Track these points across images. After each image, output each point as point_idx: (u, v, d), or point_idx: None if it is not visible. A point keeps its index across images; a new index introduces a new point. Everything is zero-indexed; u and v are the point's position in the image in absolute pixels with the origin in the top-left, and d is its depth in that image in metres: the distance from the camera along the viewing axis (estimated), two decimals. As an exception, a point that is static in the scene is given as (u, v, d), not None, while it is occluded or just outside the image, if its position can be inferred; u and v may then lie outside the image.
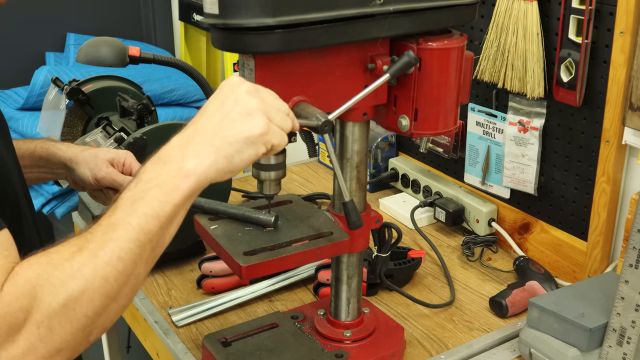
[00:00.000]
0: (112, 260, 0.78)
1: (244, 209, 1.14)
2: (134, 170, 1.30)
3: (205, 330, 1.34)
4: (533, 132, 1.52)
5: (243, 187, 1.92)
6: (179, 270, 1.54)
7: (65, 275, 0.76)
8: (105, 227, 0.80)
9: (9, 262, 0.77)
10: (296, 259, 1.07)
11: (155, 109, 1.63)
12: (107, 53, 1.42)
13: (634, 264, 1.08)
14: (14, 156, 1.14)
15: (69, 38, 2.78)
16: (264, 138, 0.86)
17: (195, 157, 0.83)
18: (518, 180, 1.58)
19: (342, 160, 1.14)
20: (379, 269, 1.40)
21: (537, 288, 1.41)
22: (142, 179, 0.83)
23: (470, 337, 1.33)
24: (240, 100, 0.86)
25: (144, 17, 3.01)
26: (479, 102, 1.64)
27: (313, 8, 0.94)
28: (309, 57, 1.00)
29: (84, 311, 0.76)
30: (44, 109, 1.87)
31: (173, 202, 0.82)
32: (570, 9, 1.38)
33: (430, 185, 1.77)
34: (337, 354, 1.19)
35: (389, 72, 1.03)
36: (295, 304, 1.42)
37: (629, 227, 1.21)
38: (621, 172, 1.41)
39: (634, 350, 1.10)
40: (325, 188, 1.94)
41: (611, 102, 1.35)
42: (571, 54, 1.40)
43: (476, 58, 1.49)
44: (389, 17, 1.01)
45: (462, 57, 1.08)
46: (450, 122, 1.11)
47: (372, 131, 1.88)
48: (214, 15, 0.93)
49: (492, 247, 1.64)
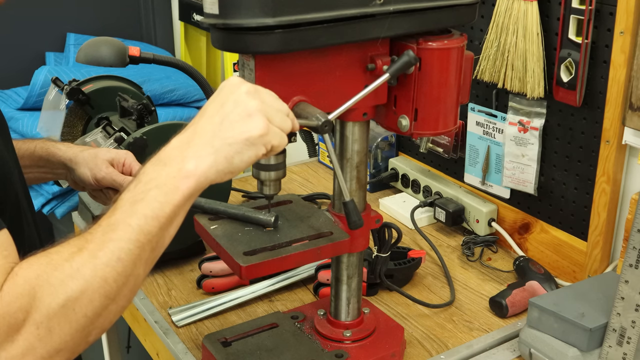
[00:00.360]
0: (111, 261, 0.78)
1: (244, 209, 1.14)
2: (134, 171, 1.30)
3: (205, 330, 1.34)
4: (533, 132, 1.52)
5: (243, 187, 1.92)
6: (179, 270, 1.54)
7: (65, 275, 0.76)
8: (105, 228, 0.80)
9: (9, 263, 0.77)
10: (296, 259, 1.07)
11: (155, 109, 1.63)
12: (107, 53, 1.42)
13: (634, 264, 1.08)
14: (14, 156, 1.14)
15: (68, 38, 2.78)
16: (263, 139, 0.86)
17: (195, 158, 0.83)
18: (518, 180, 1.58)
19: (342, 160, 1.14)
20: (379, 269, 1.40)
21: (537, 288, 1.41)
22: (142, 180, 0.83)
23: (470, 337, 1.33)
24: (240, 102, 0.86)
25: (144, 17, 3.01)
26: (479, 102, 1.64)
27: (313, 8, 0.94)
28: (309, 57, 1.00)
29: (83, 312, 0.76)
30: (44, 109, 1.87)
31: (173, 203, 0.82)
32: (570, 9, 1.38)
33: (430, 185, 1.77)
34: (337, 354, 1.19)
35: (388, 71, 1.03)
36: (295, 304, 1.42)
37: (629, 227, 1.21)
38: (621, 172, 1.41)
39: (634, 350, 1.10)
40: (325, 188, 1.94)
41: (611, 102, 1.35)
42: (571, 54, 1.40)
43: (476, 58, 1.49)
44: (389, 17, 1.01)
45: (462, 57, 1.08)
46: (450, 122, 1.11)
47: (372, 131, 1.88)
48: (214, 15, 0.93)
49: (492, 247, 1.64)
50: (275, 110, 0.88)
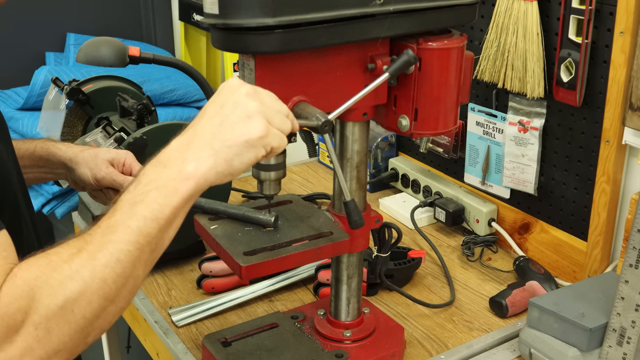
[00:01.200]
0: (110, 262, 0.78)
1: (244, 209, 1.14)
2: (134, 171, 1.30)
3: (205, 330, 1.34)
4: (533, 132, 1.52)
5: (243, 187, 1.92)
6: (179, 270, 1.54)
7: (64, 277, 0.76)
8: (104, 229, 0.80)
9: (8, 264, 0.77)
10: (296, 259, 1.07)
11: (155, 109, 1.63)
12: (107, 53, 1.42)
13: (634, 264, 1.08)
14: (13, 157, 1.14)
15: (69, 38, 2.78)
16: (263, 141, 0.85)
17: (194, 160, 0.83)
18: (518, 180, 1.58)
19: (342, 160, 1.14)
20: (379, 269, 1.40)
21: (537, 288, 1.41)
22: (141, 182, 0.83)
23: (470, 337, 1.33)
24: (239, 103, 0.85)
25: (144, 17, 3.01)
26: (479, 102, 1.64)
27: (313, 8, 0.94)
28: (309, 57, 1.00)
29: (82, 313, 0.76)
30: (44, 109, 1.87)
31: (172, 205, 0.82)
32: (570, 9, 1.38)
33: (430, 185, 1.77)
34: (337, 354, 1.19)
35: (388, 71, 1.03)
36: (295, 304, 1.42)
37: (629, 227, 1.21)
38: (621, 172, 1.41)
39: (634, 350, 1.10)
40: (325, 188, 1.94)
41: (611, 102, 1.35)
42: (571, 54, 1.40)
43: (476, 58, 1.49)
44: (389, 17, 1.01)
45: (462, 57, 1.08)
46: (450, 122, 1.11)
47: (372, 131, 1.88)
48: (214, 15, 0.93)
49: (492, 247, 1.64)
50: (275, 111, 0.88)
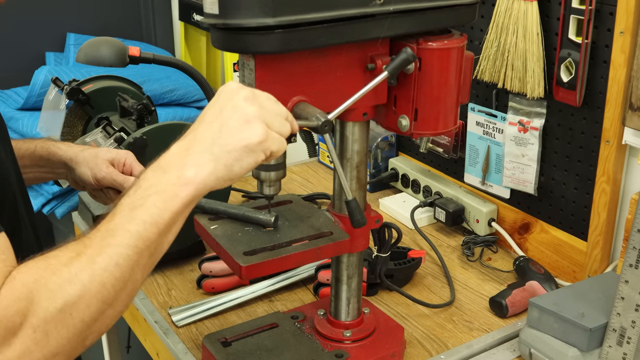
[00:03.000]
0: (109, 266, 0.78)
1: (244, 209, 1.14)
2: (134, 171, 1.30)
3: (205, 330, 1.34)
4: (533, 132, 1.52)
5: (243, 187, 1.92)
6: (179, 270, 1.54)
7: (63, 280, 0.76)
8: (104, 233, 0.80)
9: (7, 266, 0.77)
10: (296, 259, 1.07)
11: (155, 109, 1.63)
12: (107, 53, 1.42)
13: (634, 264, 1.08)
14: (12, 157, 1.14)
15: (69, 38, 2.78)
16: (262, 145, 0.85)
17: (194, 165, 0.83)
18: (518, 180, 1.58)
19: (342, 160, 1.14)
20: (379, 269, 1.40)
21: (537, 288, 1.41)
22: (141, 186, 0.83)
23: (470, 337, 1.33)
24: (238, 108, 0.85)
25: (144, 17, 3.01)
26: (479, 102, 1.64)
27: (313, 8, 0.94)
28: (309, 57, 1.00)
29: (80, 316, 0.77)
30: (44, 109, 1.87)
31: (172, 210, 0.82)
32: (570, 9, 1.38)
33: (430, 185, 1.77)
34: (337, 354, 1.19)
35: (387, 69, 1.03)
36: (295, 304, 1.42)
37: (629, 227, 1.21)
38: (621, 172, 1.41)
39: (634, 350, 1.10)
40: (325, 188, 1.94)
41: (611, 102, 1.35)
42: (571, 54, 1.40)
43: (476, 58, 1.49)
44: (389, 17, 1.01)
45: (462, 57, 1.08)
46: (450, 122, 1.11)
47: (372, 131, 1.88)
48: (214, 15, 0.93)
49: (492, 247, 1.64)
50: (274, 114, 0.88)
